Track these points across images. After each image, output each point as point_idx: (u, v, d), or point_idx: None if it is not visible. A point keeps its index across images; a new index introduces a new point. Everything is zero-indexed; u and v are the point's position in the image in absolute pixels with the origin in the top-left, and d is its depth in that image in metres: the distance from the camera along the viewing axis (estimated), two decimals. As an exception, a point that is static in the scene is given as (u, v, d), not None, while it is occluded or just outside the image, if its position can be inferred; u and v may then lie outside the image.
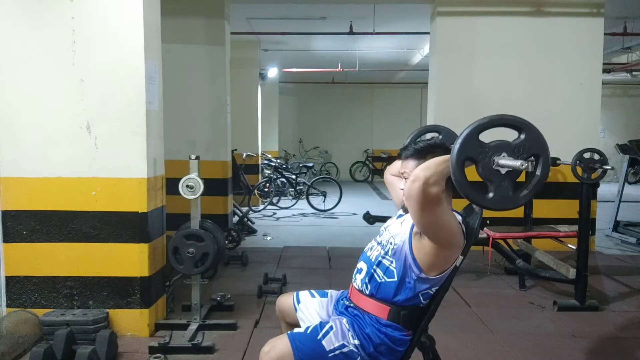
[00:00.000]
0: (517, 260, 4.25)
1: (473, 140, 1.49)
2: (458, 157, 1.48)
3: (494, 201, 1.50)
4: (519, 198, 1.52)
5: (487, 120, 1.51)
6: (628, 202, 8.98)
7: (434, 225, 1.68)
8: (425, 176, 1.58)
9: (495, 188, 1.50)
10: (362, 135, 15.61)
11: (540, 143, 1.52)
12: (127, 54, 3.16)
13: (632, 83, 14.04)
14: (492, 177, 1.50)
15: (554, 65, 5.58)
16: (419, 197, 1.58)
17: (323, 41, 9.22)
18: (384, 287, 1.85)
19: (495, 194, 1.50)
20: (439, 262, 1.78)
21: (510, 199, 1.51)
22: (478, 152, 1.49)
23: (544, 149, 1.53)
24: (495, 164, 1.49)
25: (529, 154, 1.51)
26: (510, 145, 1.51)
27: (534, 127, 1.53)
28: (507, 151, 1.50)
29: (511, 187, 1.51)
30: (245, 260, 5.10)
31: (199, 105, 6.13)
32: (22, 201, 3.22)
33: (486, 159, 1.49)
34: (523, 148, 1.50)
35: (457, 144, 1.49)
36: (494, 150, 1.50)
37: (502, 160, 1.48)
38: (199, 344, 3.06)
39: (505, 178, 1.50)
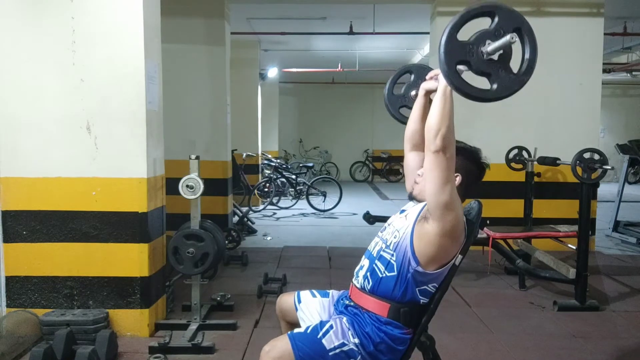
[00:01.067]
0: (517, 260, 4.24)
1: (455, 42, 1.45)
2: (449, 64, 1.45)
3: (500, 89, 1.47)
4: (521, 75, 1.49)
5: (457, 18, 1.46)
6: (628, 202, 8.98)
7: (449, 203, 1.68)
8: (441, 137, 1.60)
9: (495, 78, 1.47)
10: (362, 135, 15.61)
11: (515, 17, 1.49)
12: (127, 54, 3.16)
13: (632, 83, 14.04)
14: (488, 68, 1.47)
15: (554, 65, 5.58)
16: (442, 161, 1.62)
17: (323, 41, 9.22)
18: (384, 282, 1.86)
19: (499, 83, 1.47)
20: (438, 253, 1.78)
21: (513, 80, 1.48)
22: (464, 52, 1.46)
23: (521, 20, 1.49)
24: (485, 55, 1.46)
25: (510, 31, 1.47)
26: (489, 31, 1.47)
27: (503, 5, 1.49)
28: (489, 38, 1.46)
29: (509, 69, 1.48)
30: (245, 260, 5.10)
31: (199, 105, 6.13)
32: (22, 201, 3.22)
33: (474, 54, 1.46)
34: (502, 28, 1.46)
35: (441, 52, 1.45)
36: (477, 43, 1.46)
37: (489, 47, 1.45)
38: (199, 344, 3.06)
39: (499, 65, 1.47)
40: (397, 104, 2.23)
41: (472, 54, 1.46)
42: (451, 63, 1.45)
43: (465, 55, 1.46)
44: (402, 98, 2.22)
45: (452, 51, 1.44)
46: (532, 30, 1.49)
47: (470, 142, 2.00)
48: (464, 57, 1.46)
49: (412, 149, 2.09)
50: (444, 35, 1.45)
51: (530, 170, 5.19)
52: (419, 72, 2.18)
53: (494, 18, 1.48)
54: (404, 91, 2.21)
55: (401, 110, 2.20)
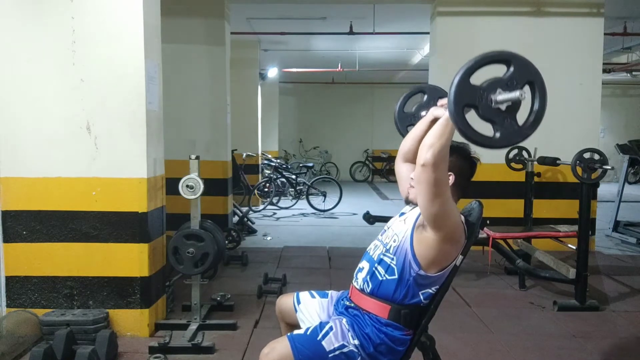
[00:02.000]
0: (517, 260, 4.25)
1: (466, 85, 1.46)
2: (456, 106, 1.45)
3: (502, 139, 1.48)
4: (526, 129, 1.49)
5: (473, 62, 1.47)
6: (628, 202, 8.98)
7: (441, 213, 1.68)
8: (433, 154, 1.58)
9: (500, 127, 1.48)
10: (362, 135, 15.61)
11: (530, 70, 1.49)
12: (127, 54, 3.16)
13: (632, 83, 14.04)
14: (494, 116, 1.48)
15: (554, 66, 5.57)
16: (431, 178, 1.59)
17: (323, 41, 9.22)
18: (385, 285, 1.86)
19: (502, 132, 1.48)
20: (439, 257, 1.78)
21: (517, 132, 1.48)
22: (474, 96, 1.46)
23: (536, 74, 1.49)
24: (494, 103, 1.47)
25: (523, 83, 1.48)
26: (502, 80, 1.48)
27: (520, 56, 1.50)
28: (501, 87, 1.47)
29: (515, 121, 1.48)
30: (245, 260, 5.10)
31: (199, 105, 6.13)
32: (22, 201, 3.22)
33: (483, 100, 1.47)
34: (515, 79, 1.47)
35: (451, 93, 1.46)
36: (488, 90, 1.47)
37: (499, 97, 1.46)
38: (199, 344, 3.06)
39: (506, 115, 1.48)
40: (406, 122, 2.24)
41: (481, 99, 1.47)
42: (459, 105, 1.46)
43: (474, 99, 1.47)
44: (411, 117, 2.23)
45: (463, 94, 1.46)
46: (545, 85, 1.50)
47: None
48: (473, 102, 1.47)
49: (404, 162, 2.10)
50: (458, 75, 1.46)
51: (530, 170, 5.19)
52: (432, 93, 2.20)
53: (509, 67, 1.49)
54: (415, 110, 2.22)
55: (409, 128, 2.21)
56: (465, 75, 1.46)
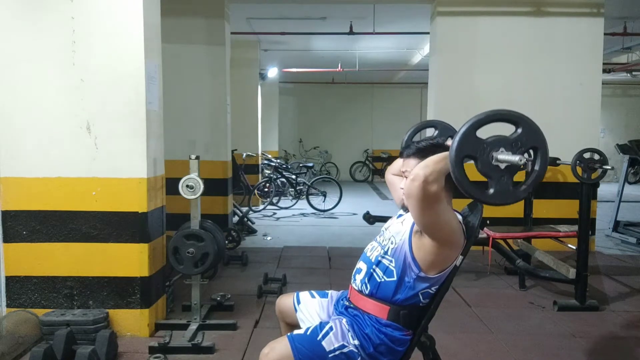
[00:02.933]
0: (517, 260, 4.25)
1: (471, 137, 1.49)
2: (457, 155, 1.48)
3: (494, 196, 1.50)
4: (519, 192, 1.52)
5: (484, 116, 1.51)
6: (628, 202, 8.98)
7: (434, 224, 1.69)
8: (424, 174, 1.58)
9: (495, 183, 1.50)
10: (362, 135, 15.61)
11: (537, 136, 1.51)
12: (127, 54, 3.16)
13: (632, 83, 14.04)
14: (492, 172, 1.50)
15: (554, 65, 5.58)
16: (419, 195, 1.59)
17: (323, 41, 9.22)
18: (384, 287, 1.85)
19: (496, 189, 1.50)
20: (438, 260, 1.78)
21: (510, 193, 1.51)
22: (476, 149, 1.49)
23: (542, 141, 1.52)
24: (494, 160, 1.49)
25: (527, 147, 1.50)
26: (507, 139, 1.50)
27: (530, 121, 1.52)
28: (504, 146, 1.49)
29: (511, 181, 1.50)
30: (245, 260, 5.10)
31: (199, 105, 6.13)
32: (22, 201, 3.22)
33: (484, 155, 1.49)
34: (521, 142, 1.50)
35: (455, 142, 1.49)
36: (492, 146, 1.49)
37: (500, 156, 1.48)
38: (199, 344, 3.06)
39: (504, 173, 1.50)
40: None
41: (482, 153, 1.49)
42: (460, 154, 1.49)
43: (476, 152, 1.49)
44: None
45: (466, 144, 1.49)
46: (548, 153, 1.53)
47: None
48: (474, 154, 1.49)
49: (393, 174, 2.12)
50: (465, 126, 1.50)
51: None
52: (443, 131, 2.26)
53: (517, 129, 1.52)
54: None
55: None
56: (472, 127, 1.49)
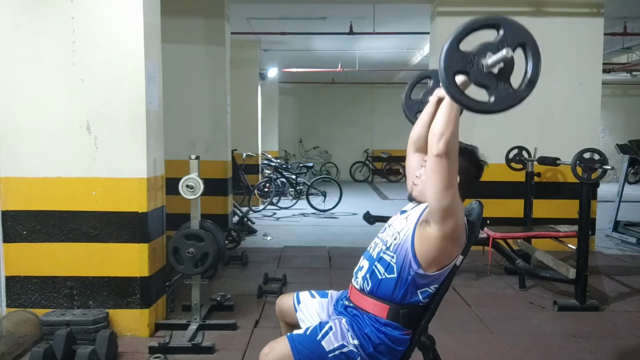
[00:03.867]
0: (517, 260, 4.25)
1: (455, 52, 1.45)
2: (447, 73, 1.44)
3: (497, 103, 1.46)
4: (520, 92, 1.47)
5: (461, 28, 1.46)
6: (628, 202, 8.98)
7: (450, 207, 1.67)
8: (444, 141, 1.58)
9: (493, 90, 1.46)
10: (362, 135, 15.61)
11: (521, 31, 1.47)
12: (127, 54, 3.16)
13: (632, 83, 14.05)
14: (487, 81, 1.46)
15: (554, 65, 5.57)
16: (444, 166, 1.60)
17: (323, 41, 9.22)
18: (384, 284, 1.85)
19: (497, 96, 1.46)
20: (439, 256, 1.78)
21: (511, 95, 1.47)
22: (465, 63, 1.45)
23: (527, 35, 1.47)
24: (485, 67, 1.46)
25: (514, 45, 1.46)
26: (492, 44, 1.46)
27: (510, 19, 1.48)
28: (491, 50, 1.45)
29: (509, 84, 1.47)
30: (245, 260, 5.10)
31: (199, 105, 6.13)
32: (22, 201, 3.22)
33: (474, 66, 1.46)
34: (506, 42, 1.45)
35: (441, 61, 1.45)
36: (479, 55, 1.46)
37: (489, 60, 1.45)
38: (199, 344, 3.06)
39: (500, 78, 1.46)
40: (415, 109, 2.24)
41: (472, 65, 1.45)
42: (450, 72, 1.44)
43: (465, 65, 1.45)
44: (419, 103, 2.23)
45: (452, 60, 1.44)
46: (537, 46, 1.48)
47: (470, 142, 1.99)
48: (464, 68, 1.45)
49: (415, 151, 2.08)
50: (446, 43, 1.45)
51: (530, 170, 5.19)
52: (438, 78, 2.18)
53: (499, 31, 1.47)
54: (422, 96, 2.22)
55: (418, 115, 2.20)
56: (454, 42, 1.45)
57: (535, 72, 1.47)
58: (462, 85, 1.47)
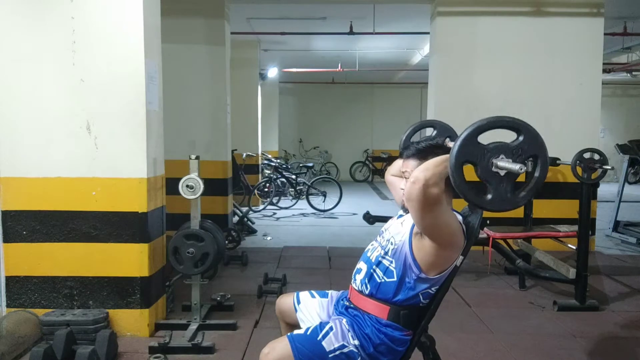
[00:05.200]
0: (517, 260, 4.24)
1: (472, 143, 1.49)
2: (457, 161, 1.48)
3: (493, 202, 1.51)
4: (518, 199, 1.53)
5: (485, 122, 1.51)
6: (628, 202, 8.98)
7: (435, 226, 1.69)
8: (425, 177, 1.58)
9: (494, 189, 1.50)
10: (362, 135, 15.61)
11: (538, 144, 1.53)
12: (127, 54, 3.16)
13: (632, 83, 14.04)
14: (491, 178, 1.50)
15: (554, 65, 5.57)
16: (420, 198, 1.59)
17: (323, 41, 9.22)
18: (384, 287, 1.85)
19: (494, 195, 1.51)
20: (439, 262, 1.78)
21: (509, 200, 1.51)
22: (476, 155, 1.50)
23: (542, 150, 1.53)
24: (494, 166, 1.49)
25: (527, 155, 1.51)
26: (508, 146, 1.51)
27: (532, 128, 1.54)
28: (505, 153, 1.50)
29: (510, 188, 1.51)
30: (245, 260, 5.10)
31: (199, 105, 6.13)
32: (22, 201, 3.22)
33: (484, 161, 1.49)
34: (521, 149, 1.51)
35: (455, 147, 1.49)
36: (492, 153, 1.50)
37: (500, 163, 1.48)
38: (199, 344, 3.06)
39: (504, 179, 1.50)
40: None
41: (482, 159, 1.50)
42: (460, 159, 1.49)
43: (476, 157, 1.50)
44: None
45: (466, 149, 1.49)
46: (548, 162, 1.55)
47: None
48: (474, 160, 1.50)
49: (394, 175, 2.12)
50: (466, 132, 1.50)
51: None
52: (441, 130, 2.25)
53: (519, 136, 1.53)
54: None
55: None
56: (473, 133, 1.50)
57: (538, 184, 1.53)
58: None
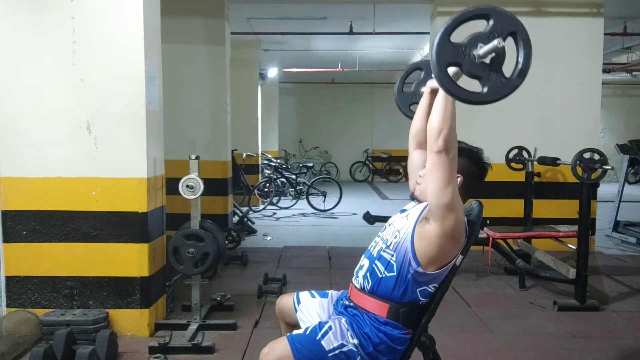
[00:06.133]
0: (517, 260, 4.24)
1: (446, 45, 1.45)
2: (439, 66, 1.44)
3: (490, 93, 1.47)
4: (513, 81, 1.48)
5: (451, 20, 1.46)
6: (628, 202, 8.98)
7: (450, 204, 1.67)
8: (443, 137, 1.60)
9: (486, 81, 1.47)
10: (362, 135, 15.61)
11: (511, 20, 1.47)
12: (127, 54, 3.16)
13: (632, 83, 14.05)
14: (479, 71, 1.46)
15: (554, 65, 5.57)
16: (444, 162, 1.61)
17: (323, 41, 9.22)
18: (384, 282, 1.85)
19: (490, 87, 1.47)
20: (438, 255, 1.78)
21: (504, 85, 1.47)
22: (456, 54, 1.45)
23: (517, 24, 1.47)
24: (477, 58, 1.46)
25: (505, 35, 1.46)
26: (483, 34, 1.46)
27: (499, 8, 1.47)
28: (482, 41, 1.45)
29: (501, 74, 1.47)
30: (245, 260, 5.10)
31: (199, 105, 6.13)
32: (22, 201, 3.22)
33: (466, 57, 1.46)
34: (497, 32, 1.45)
35: (433, 53, 1.45)
36: (470, 46, 1.46)
37: (480, 51, 1.44)
38: (199, 344, 3.06)
39: (492, 68, 1.46)
40: (408, 102, 2.23)
41: (464, 56, 1.45)
42: (442, 64, 1.44)
43: (457, 57, 1.45)
44: (412, 95, 2.22)
45: (444, 52, 1.44)
46: (528, 35, 1.48)
47: (470, 142, 1.99)
48: (456, 59, 1.45)
49: (416, 147, 2.08)
50: (437, 36, 1.45)
51: (530, 170, 5.19)
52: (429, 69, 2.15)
53: (489, 21, 1.47)
54: (414, 88, 2.21)
55: (412, 107, 2.20)
56: (445, 34, 1.44)
57: (526, 60, 1.47)
58: (454, 76, 1.48)
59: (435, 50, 1.44)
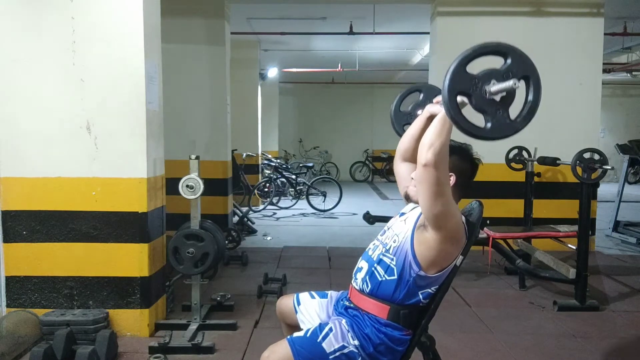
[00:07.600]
0: (517, 260, 4.24)
1: (461, 74, 1.46)
2: (450, 93, 1.45)
3: (493, 130, 1.47)
4: (517, 123, 1.49)
5: (470, 51, 1.48)
6: (628, 202, 8.98)
7: (444, 213, 1.67)
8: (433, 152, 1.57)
9: (492, 118, 1.47)
10: (362, 135, 15.61)
11: (527, 64, 1.49)
12: (127, 54, 3.16)
13: (632, 83, 14.04)
14: (487, 107, 1.47)
15: (554, 65, 5.57)
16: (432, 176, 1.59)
17: (323, 41, 9.22)
18: (384, 286, 1.85)
19: (493, 123, 1.47)
20: (439, 258, 1.78)
21: (508, 125, 1.48)
22: (468, 85, 1.46)
23: (532, 69, 1.49)
24: (487, 94, 1.46)
25: (518, 76, 1.47)
26: (498, 71, 1.47)
27: (518, 50, 1.50)
28: (496, 78, 1.46)
29: (507, 114, 1.48)
30: (245, 260, 5.10)
31: (199, 105, 6.14)
32: (22, 201, 3.22)
33: (477, 90, 1.46)
34: (511, 72, 1.47)
35: (446, 80, 1.46)
36: (483, 80, 1.47)
37: (493, 87, 1.46)
38: (199, 344, 3.06)
39: (500, 106, 1.47)
40: (402, 121, 2.23)
41: (475, 89, 1.46)
42: (453, 92, 1.45)
43: (469, 88, 1.46)
44: (408, 116, 2.22)
45: (457, 81, 1.45)
46: (540, 81, 1.50)
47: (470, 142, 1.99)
48: (467, 90, 1.46)
49: (403, 162, 2.08)
50: (454, 63, 1.46)
51: (530, 170, 5.19)
52: (428, 92, 2.19)
53: (506, 59, 1.49)
54: (411, 109, 2.21)
55: (405, 127, 2.19)
56: (461, 63, 1.46)
57: (534, 106, 1.49)
58: (460, 105, 1.48)
59: (450, 77, 1.45)
